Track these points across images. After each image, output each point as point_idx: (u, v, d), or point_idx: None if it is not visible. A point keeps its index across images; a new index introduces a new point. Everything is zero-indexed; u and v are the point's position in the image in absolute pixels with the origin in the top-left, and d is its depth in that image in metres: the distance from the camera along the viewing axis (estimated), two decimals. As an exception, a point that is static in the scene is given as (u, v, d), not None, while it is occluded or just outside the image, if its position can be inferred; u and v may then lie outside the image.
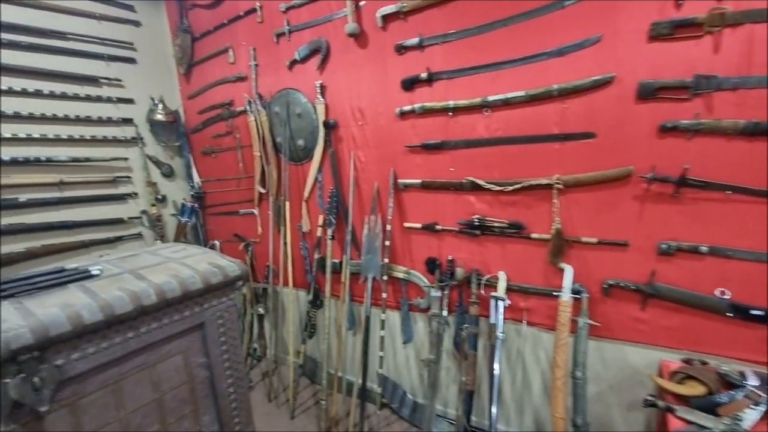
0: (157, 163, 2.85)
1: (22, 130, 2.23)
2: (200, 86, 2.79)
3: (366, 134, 2.07)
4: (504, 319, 1.65)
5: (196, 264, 1.51)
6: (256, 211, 2.70)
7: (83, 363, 1.13)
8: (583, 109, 1.47)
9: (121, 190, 2.65)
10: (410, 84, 1.85)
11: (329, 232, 2.22)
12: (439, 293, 1.89)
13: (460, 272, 1.83)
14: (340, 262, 2.25)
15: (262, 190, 2.57)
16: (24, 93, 2.24)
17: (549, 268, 1.65)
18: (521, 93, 1.57)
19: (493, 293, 1.71)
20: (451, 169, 1.82)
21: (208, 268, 1.49)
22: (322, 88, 2.15)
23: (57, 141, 2.37)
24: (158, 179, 2.87)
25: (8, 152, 2.19)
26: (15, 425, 1.01)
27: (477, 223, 1.76)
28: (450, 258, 1.89)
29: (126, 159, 2.66)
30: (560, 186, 1.53)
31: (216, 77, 2.67)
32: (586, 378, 1.50)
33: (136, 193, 2.73)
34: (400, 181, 1.98)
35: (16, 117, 2.21)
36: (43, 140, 2.31)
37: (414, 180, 1.93)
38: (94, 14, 2.51)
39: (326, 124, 2.14)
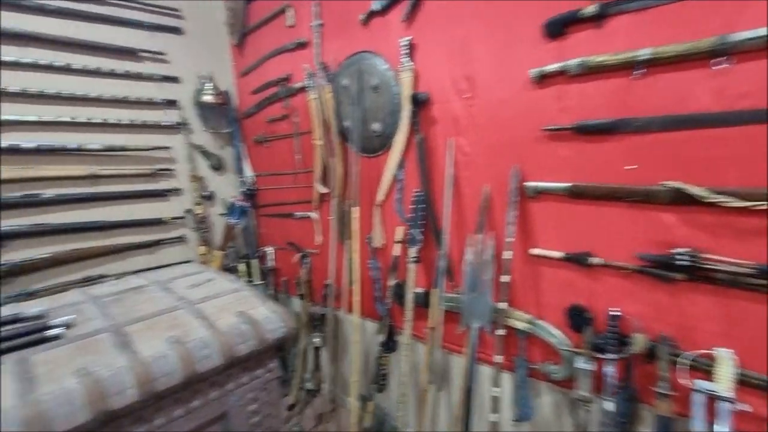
0: (205, 154, 2.40)
1: (47, 112, 1.86)
2: (255, 59, 2.28)
3: (475, 112, 1.39)
4: (736, 437, 0.91)
5: (218, 315, 0.95)
6: (314, 215, 2.15)
7: None
8: None
9: (162, 185, 2.23)
10: (560, 27, 1.14)
11: (412, 252, 1.58)
12: (589, 365, 1.18)
13: (640, 339, 1.09)
14: (426, 294, 1.61)
15: (324, 190, 2.00)
16: (51, 68, 1.86)
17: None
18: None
19: (706, 384, 0.97)
20: (631, 166, 1.09)
21: (235, 326, 0.92)
22: (411, 47, 1.51)
23: (89, 126, 1.98)
24: (206, 173, 2.42)
25: (32, 139, 1.82)
26: None
27: (683, 262, 1.01)
28: (615, 312, 1.16)
29: (168, 148, 2.23)
30: None
31: (272, 47, 2.13)
32: None
33: (179, 189, 2.30)
34: (530, 184, 1.28)
35: (41, 96, 1.83)
36: (73, 124, 1.93)
37: (556, 183, 1.22)
38: (135, -27, 2.09)
39: (415, 99, 1.50)
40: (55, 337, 0.82)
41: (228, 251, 2.45)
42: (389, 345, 1.80)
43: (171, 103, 2.23)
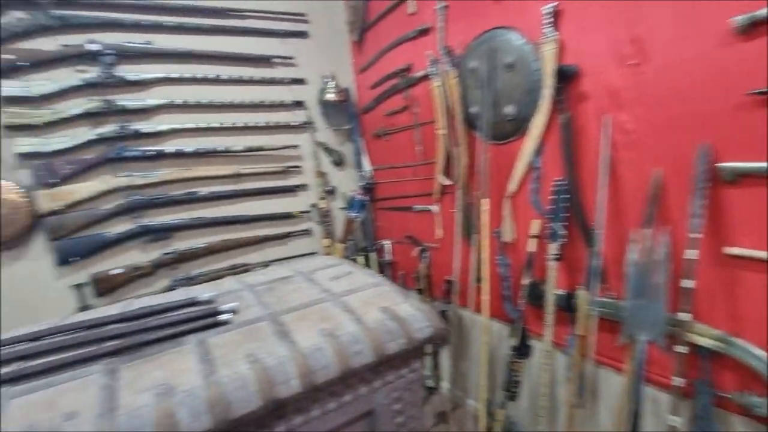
0: (327, 150, 2.51)
1: (202, 120, 2.11)
2: (374, 54, 2.29)
3: (642, 81, 1.15)
4: None
5: (363, 310, 0.92)
6: (435, 209, 2.07)
7: None
8: None
9: (292, 181, 2.39)
10: (787, -46, 0.86)
11: (553, 248, 1.40)
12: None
13: None
14: (569, 296, 1.42)
15: (447, 182, 1.91)
16: (205, 80, 2.10)
17: None
18: None
19: None
20: None
21: (382, 323, 0.88)
22: (556, 15, 1.32)
23: (233, 129, 2.20)
24: (328, 168, 2.53)
25: (191, 144, 2.10)
26: None
27: None
28: None
29: (296, 146, 2.38)
30: None
31: (392, 38, 2.11)
32: None
33: (305, 185, 2.44)
34: (726, 165, 1.01)
35: (198, 106, 2.09)
36: (221, 129, 2.17)
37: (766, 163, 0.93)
38: (268, -15, 2.25)
39: (562, 73, 1.31)
40: (225, 322, 0.87)
41: (348, 244, 2.53)
42: (522, 350, 1.64)
43: (299, 104, 2.36)
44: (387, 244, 2.55)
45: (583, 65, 1.28)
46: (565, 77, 1.31)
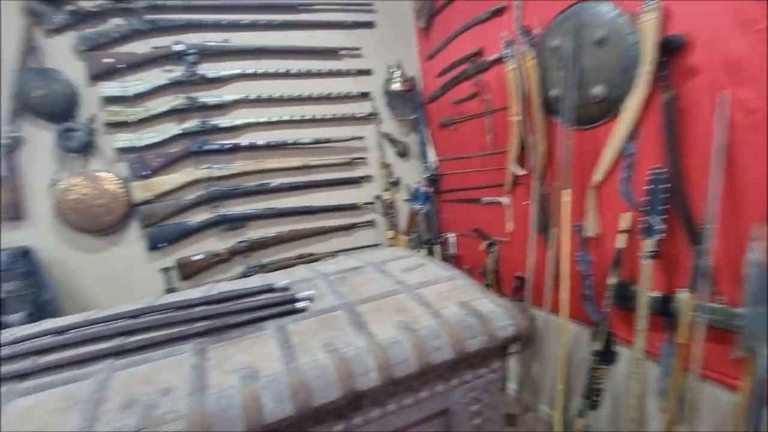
0: (392, 141, 2.48)
1: (274, 113, 2.18)
2: (441, 40, 2.21)
3: (775, 49, 0.97)
4: None
5: (440, 303, 0.88)
6: (506, 200, 1.96)
7: None
8: None
9: (357, 173, 2.40)
10: None
11: (648, 244, 1.24)
12: None
13: None
14: (665, 298, 1.26)
15: (520, 172, 1.79)
16: (276, 75, 2.17)
17: None
18: None
19: None
20: None
21: (462, 318, 0.83)
22: (660, -22, 1.16)
23: (302, 122, 2.25)
24: (392, 159, 2.51)
25: (263, 137, 2.18)
26: None
27: None
28: None
29: (362, 138, 2.38)
30: None
31: (462, 22, 2.01)
32: None
33: (370, 176, 2.44)
34: None
35: (270, 100, 2.17)
36: (291, 122, 2.23)
37: None
38: (335, -24, 2.26)
39: (666, 45, 1.14)
40: (302, 310, 0.87)
41: (411, 236, 2.49)
42: (606, 356, 1.49)
43: (364, 95, 2.36)
44: (452, 237, 2.47)
45: (693, 35, 1.11)
46: (670, 50, 1.14)
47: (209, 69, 2.05)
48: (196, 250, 2.12)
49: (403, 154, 2.51)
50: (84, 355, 0.78)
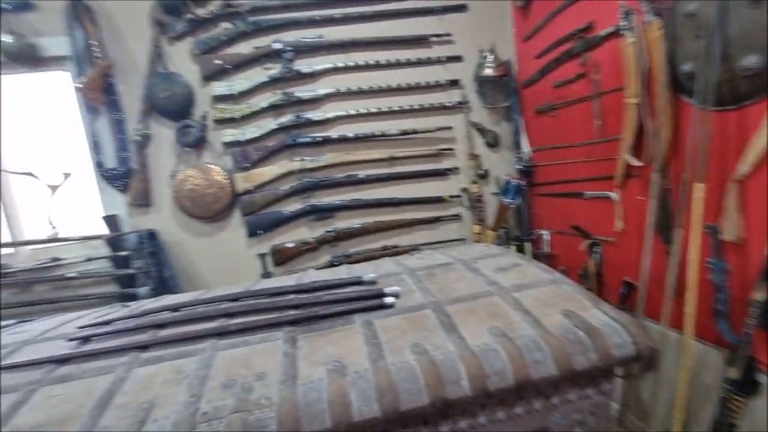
0: (481, 131, 2.35)
1: (362, 105, 2.20)
2: (542, 18, 2.01)
3: None
4: None
5: (541, 311, 0.78)
6: (615, 195, 1.72)
7: None
8: None
9: (444, 164, 2.32)
10: None
11: (820, 254, 0.98)
12: None
13: None
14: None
15: (636, 162, 1.55)
16: (366, 66, 2.18)
17: None
18: None
19: None
20: None
21: (568, 330, 0.73)
22: None
23: (388, 114, 2.24)
24: (481, 150, 2.37)
25: (352, 129, 2.21)
26: None
27: None
28: None
29: (450, 128, 2.29)
30: None
31: (567, -5, 1.80)
32: None
33: (457, 168, 2.34)
34: None
35: (359, 92, 2.19)
36: (378, 114, 2.22)
37: None
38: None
39: None
40: (390, 305, 0.84)
41: (500, 232, 2.34)
42: (746, 386, 1.23)
43: (454, 83, 2.26)
44: (545, 234, 2.27)
45: None
46: None
47: (304, 64, 2.13)
48: (288, 238, 2.24)
49: (492, 144, 2.36)
50: (193, 333, 0.85)
